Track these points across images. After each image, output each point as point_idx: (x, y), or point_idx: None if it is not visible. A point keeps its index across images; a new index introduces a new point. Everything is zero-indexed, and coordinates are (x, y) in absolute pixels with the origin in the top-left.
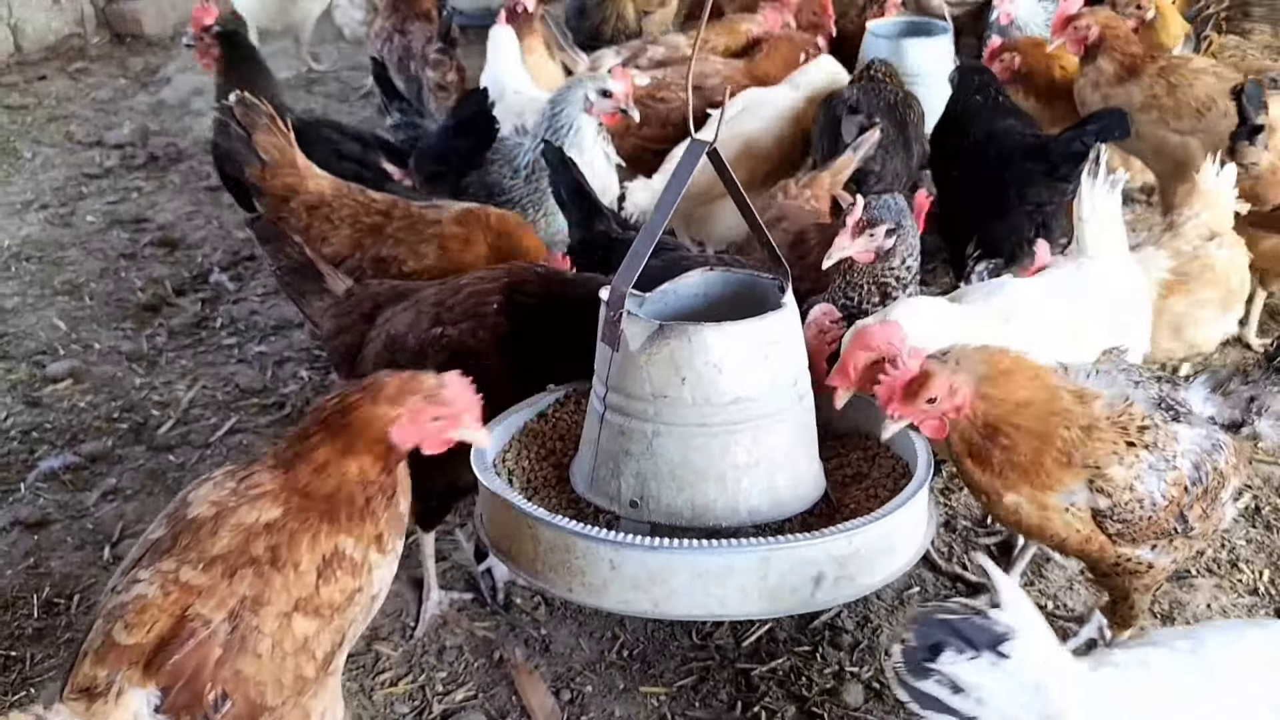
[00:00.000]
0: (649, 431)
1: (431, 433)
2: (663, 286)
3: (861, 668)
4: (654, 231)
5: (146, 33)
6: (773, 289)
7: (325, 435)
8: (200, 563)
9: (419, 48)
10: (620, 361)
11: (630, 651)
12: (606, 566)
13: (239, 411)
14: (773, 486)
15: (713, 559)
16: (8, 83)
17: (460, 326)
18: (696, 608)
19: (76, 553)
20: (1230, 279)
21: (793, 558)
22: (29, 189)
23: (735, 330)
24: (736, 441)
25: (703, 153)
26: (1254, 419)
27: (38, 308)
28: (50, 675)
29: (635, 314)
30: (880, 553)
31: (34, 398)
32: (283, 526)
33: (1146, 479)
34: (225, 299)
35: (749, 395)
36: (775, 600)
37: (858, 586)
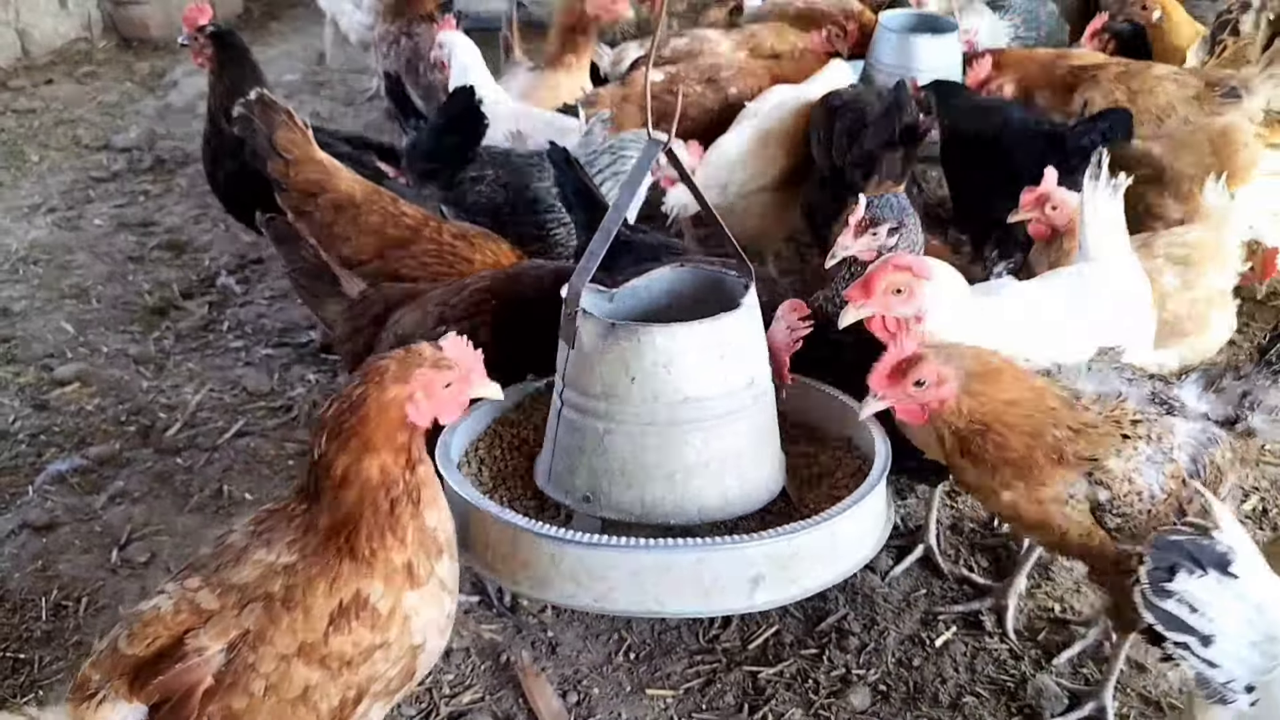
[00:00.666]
0: (600, 429)
1: (447, 399)
2: (632, 283)
3: (868, 670)
4: (609, 230)
5: (153, 37)
6: (739, 287)
7: (338, 445)
8: (219, 588)
9: (427, 49)
10: (575, 359)
11: (637, 654)
12: (548, 561)
13: (246, 414)
14: (723, 486)
15: (649, 557)
16: (15, 87)
17: (462, 324)
18: (635, 605)
19: (84, 555)
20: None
21: (730, 558)
22: (36, 193)
23: (685, 331)
24: (686, 441)
25: (659, 151)
26: (1248, 414)
27: (45, 311)
28: (59, 678)
29: (590, 312)
30: (823, 555)
31: (42, 401)
32: (299, 570)
33: (1145, 471)
34: (232, 302)
35: (699, 395)
36: (711, 599)
37: (799, 588)
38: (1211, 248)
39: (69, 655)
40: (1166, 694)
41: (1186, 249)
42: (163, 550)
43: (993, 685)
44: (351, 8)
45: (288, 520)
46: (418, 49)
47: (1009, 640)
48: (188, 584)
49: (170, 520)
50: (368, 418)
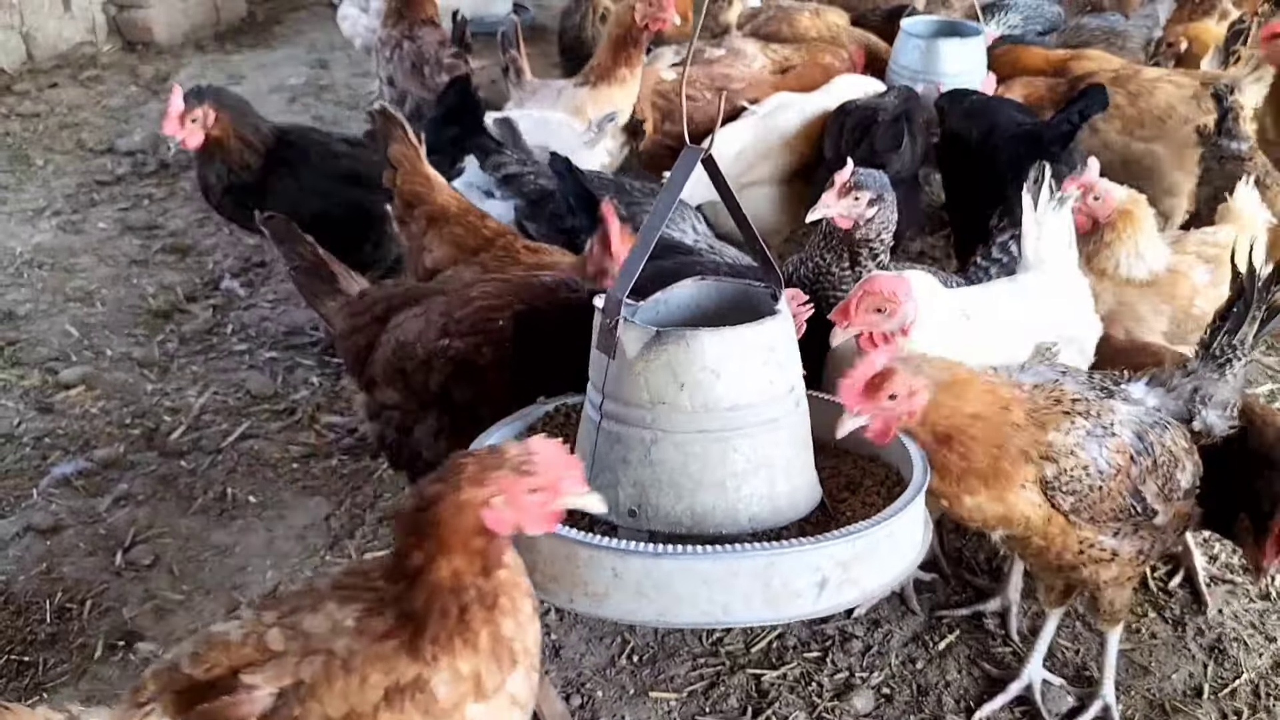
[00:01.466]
0: (647, 439)
1: (532, 508)
2: (655, 296)
3: (872, 673)
4: (648, 240)
5: (157, 40)
6: (765, 298)
7: (414, 540)
8: (290, 630)
9: (431, 52)
10: (617, 369)
11: (640, 656)
12: (609, 575)
13: (250, 417)
14: (772, 493)
15: (717, 565)
16: (20, 91)
17: (467, 340)
18: (701, 615)
19: (89, 558)
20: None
21: (797, 563)
22: (41, 196)
23: (733, 335)
24: (735, 448)
25: (697, 160)
26: (1200, 409)
27: (50, 314)
28: (63, 680)
29: (632, 321)
30: (883, 556)
31: (46, 404)
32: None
33: (1087, 445)
34: (236, 305)
35: (747, 401)
36: (779, 606)
37: (861, 591)
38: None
39: (73, 658)
40: (1171, 697)
41: (1217, 249)
42: (166, 553)
43: (996, 687)
44: (358, 13)
45: (368, 586)
46: (421, 52)
47: (1012, 642)
48: (264, 616)
49: (174, 523)
50: (441, 520)
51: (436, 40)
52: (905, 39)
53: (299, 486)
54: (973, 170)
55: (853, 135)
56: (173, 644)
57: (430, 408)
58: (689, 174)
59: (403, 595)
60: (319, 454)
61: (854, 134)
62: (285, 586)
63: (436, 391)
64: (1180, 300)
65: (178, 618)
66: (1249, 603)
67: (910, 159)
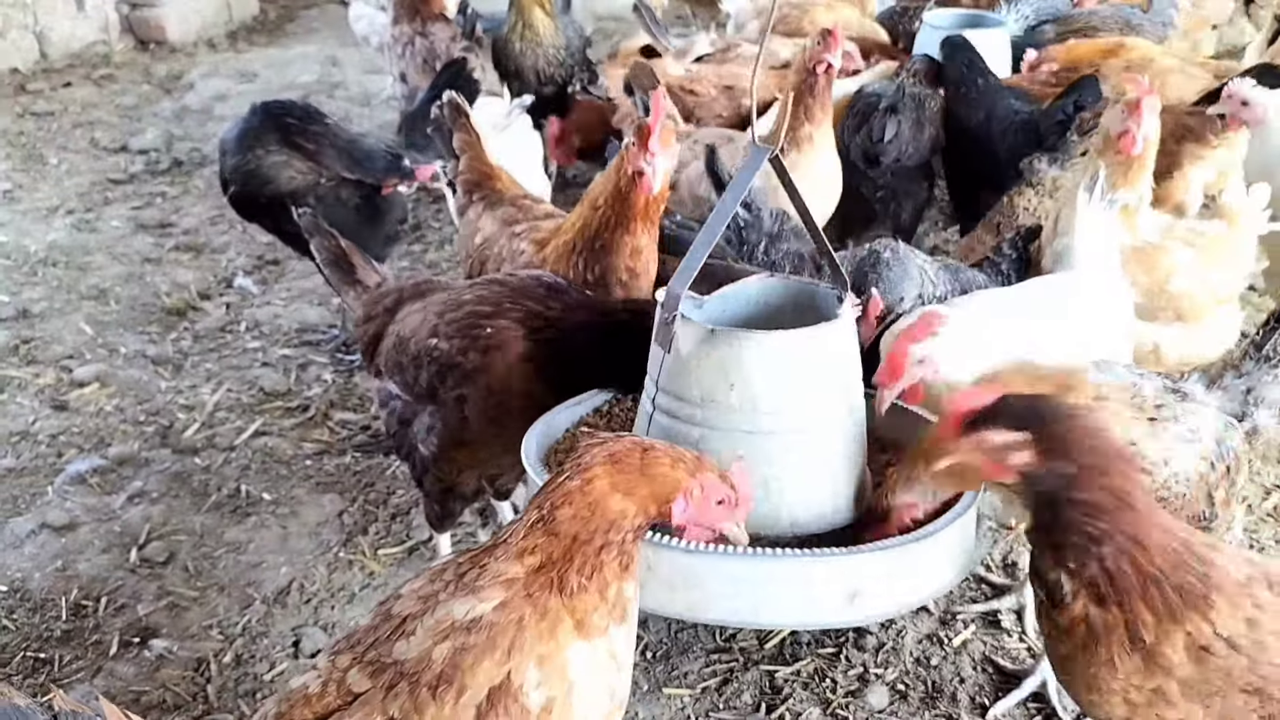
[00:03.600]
0: (695, 435)
1: (713, 514)
2: (721, 291)
3: (886, 669)
4: (713, 234)
5: (170, 39)
6: (832, 299)
7: (611, 469)
8: (373, 665)
9: (443, 48)
10: (671, 364)
11: (654, 653)
12: (643, 567)
13: (263, 414)
14: (816, 499)
15: (750, 566)
16: (34, 90)
17: (452, 342)
18: (730, 614)
19: (104, 555)
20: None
21: (831, 571)
22: (55, 195)
23: (786, 338)
24: (781, 450)
25: (764, 159)
26: (1253, 411)
27: (64, 313)
28: (79, 677)
29: (688, 317)
30: (920, 572)
31: (61, 402)
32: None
33: (1180, 452)
34: (249, 303)
35: (797, 405)
36: (810, 612)
37: (895, 604)
38: (1224, 245)
39: (88, 654)
40: None
41: (1203, 240)
42: (181, 549)
43: (1011, 684)
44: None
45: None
46: (433, 48)
47: (1028, 639)
48: (338, 662)
49: (188, 520)
50: (647, 470)
51: (448, 36)
52: (927, 32)
53: (313, 483)
54: (974, 159)
55: (854, 122)
56: (187, 640)
57: (423, 402)
58: (755, 172)
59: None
60: (332, 451)
61: (855, 120)
62: (299, 583)
63: (426, 388)
64: (1157, 274)
65: (192, 614)
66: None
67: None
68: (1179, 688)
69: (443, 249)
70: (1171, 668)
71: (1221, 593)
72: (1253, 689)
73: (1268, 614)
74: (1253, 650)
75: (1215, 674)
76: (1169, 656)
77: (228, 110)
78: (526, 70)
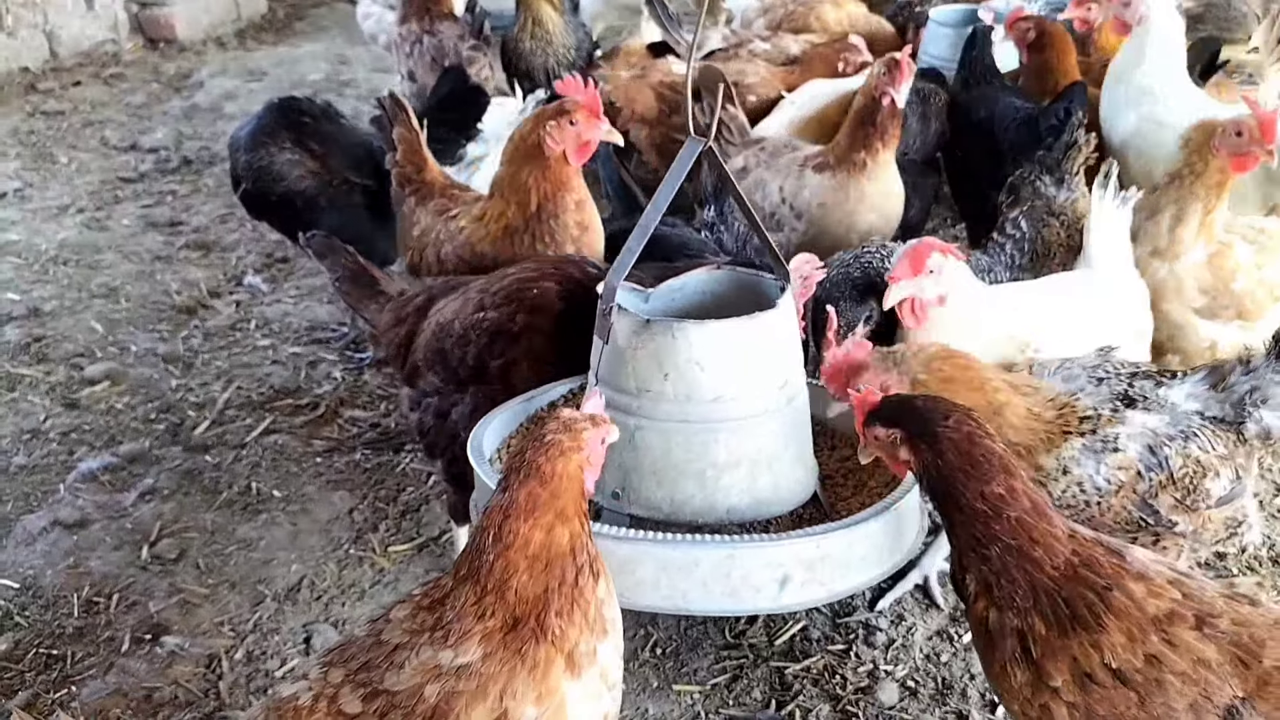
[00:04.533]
0: (632, 425)
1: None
2: (668, 282)
3: (896, 666)
4: (647, 227)
5: (179, 38)
6: (776, 289)
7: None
8: (365, 689)
9: (451, 46)
10: (609, 354)
11: (664, 649)
12: None
13: (274, 412)
14: (753, 486)
15: (678, 553)
16: (44, 89)
17: (501, 310)
18: (662, 600)
19: (115, 552)
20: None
21: (758, 557)
22: (65, 194)
23: (719, 328)
24: (717, 440)
25: (699, 151)
26: (1254, 412)
27: (75, 311)
28: (91, 674)
29: (625, 308)
30: (853, 559)
31: (72, 400)
32: (474, 674)
33: (1082, 461)
34: (259, 301)
35: (732, 394)
36: (739, 598)
37: (827, 591)
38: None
39: (100, 651)
40: None
41: (1263, 236)
42: (192, 547)
43: None
44: (380, 9)
45: (459, 614)
46: (441, 46)
47: None
48: (330, 676)
49: (199, 517)
50: (559, 490)
51: (456, 34)
52: (934, 29)
53: (322, 481)
54: (977, 154)
55: None
56: (198, 637)
57: (466, 386)
58: (690, 164)
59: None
60: (342, 448)
61: None
62: (310, 580)
63: (473, 365)
64: (1223, 274)
65: (203, 611)
66: (1278, 595)
67: (919, 143)
68: (1066, 711)
69: None
70: (1058, 689)
71: (1121, 619)
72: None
73: (1180, 654)
74: (1146, 688)
75: (1100, 704)
76: (1054, 676)
77: (237, 109)
78: (536, 70)
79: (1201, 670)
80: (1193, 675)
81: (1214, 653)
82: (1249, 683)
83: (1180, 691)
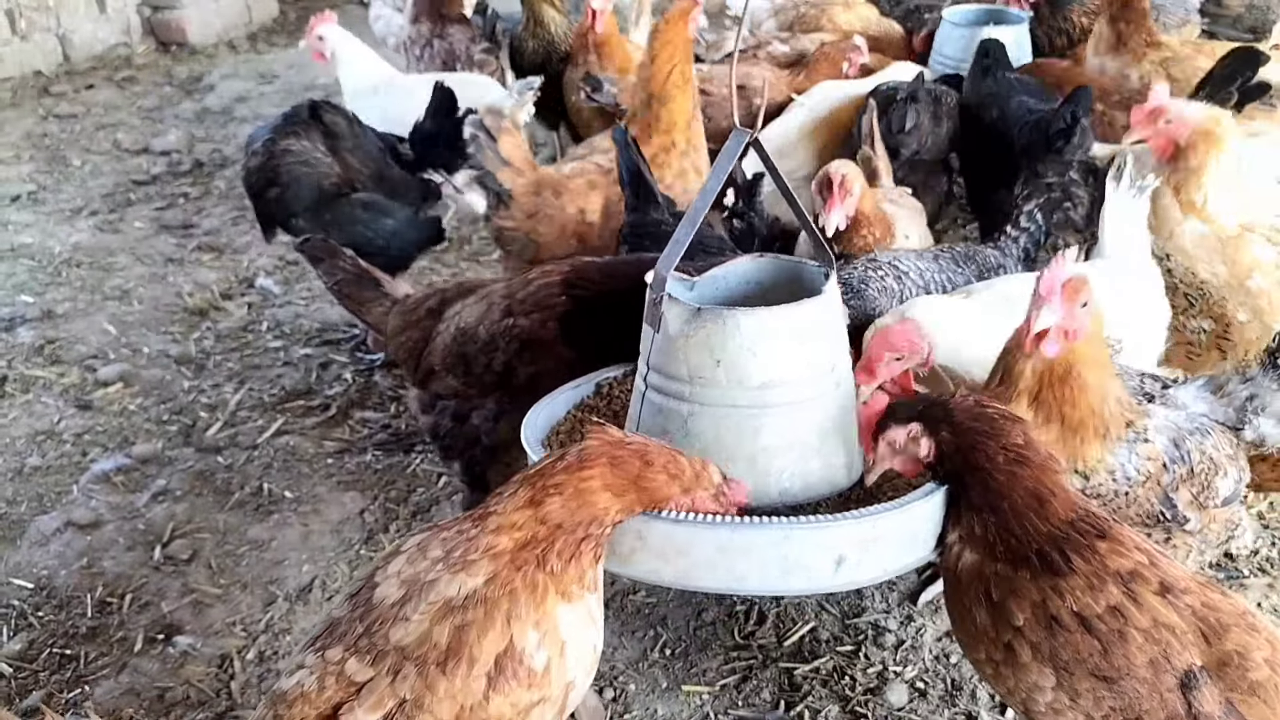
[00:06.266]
0: (685, 411)
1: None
2: (712, 271)
3: (905, 667)
4: (695, 218)
5: (191, 41)
6: (819, 277)
7: (608, 470)
8: (371, 653)
9: (463, 49)
10: (660, 343)
11: (673, 650)
12: (634, 537)
13: (285, 413)
14: (805, 470)
15: (734, 535)
16: (57, 92)
17: (531, 317)
18: (718, 581)
19: (128, 553)
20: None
21: (813, 539)
22: (78, 196)
23: (769, 315)
24: (767, 424)
25: (745, 142)
26: (1254, 419)
27: (88, 313)
28: (104, 673)
29: (675, 297)
30: (903, 539)
31: (85, 401)
32: (484, 598)
33: (1117, 449)
34: (271, 303)
35: (782, 379)
36: (793, 579)
37: (880, 569)
38: None
39: (113, 651)
40: None
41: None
42: (204, 547)
43: None
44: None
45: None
46: (452, 50)
47: None
48: (329, 655)
49: (211, 518)
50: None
51: (467, 37)
52: (946, 29)
53: (334, 482)
54: (989, 154)
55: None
56: (211, 637)
57: (490, 391)
58: (736, 155)
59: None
60: (353, 449)
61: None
62: (321, 580)
63: (500, 371)
64: (1239, 270)
65: (216, 611)
66: None
67: (931, 142)
68: (1030, 651)
69: (462, 249)
70: (1019, 627)
71: (1082, 566)
72: (1102, 676)
73: (1143, 611)
74: (1110, 638)
75: (1064, 648)
76: (1016, 616)
77: (248, 111)
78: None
79: (1164, 632)
80: (1154, 634)
81: (1176, 619)
82: (1209, 659)
83: (1141, 647)
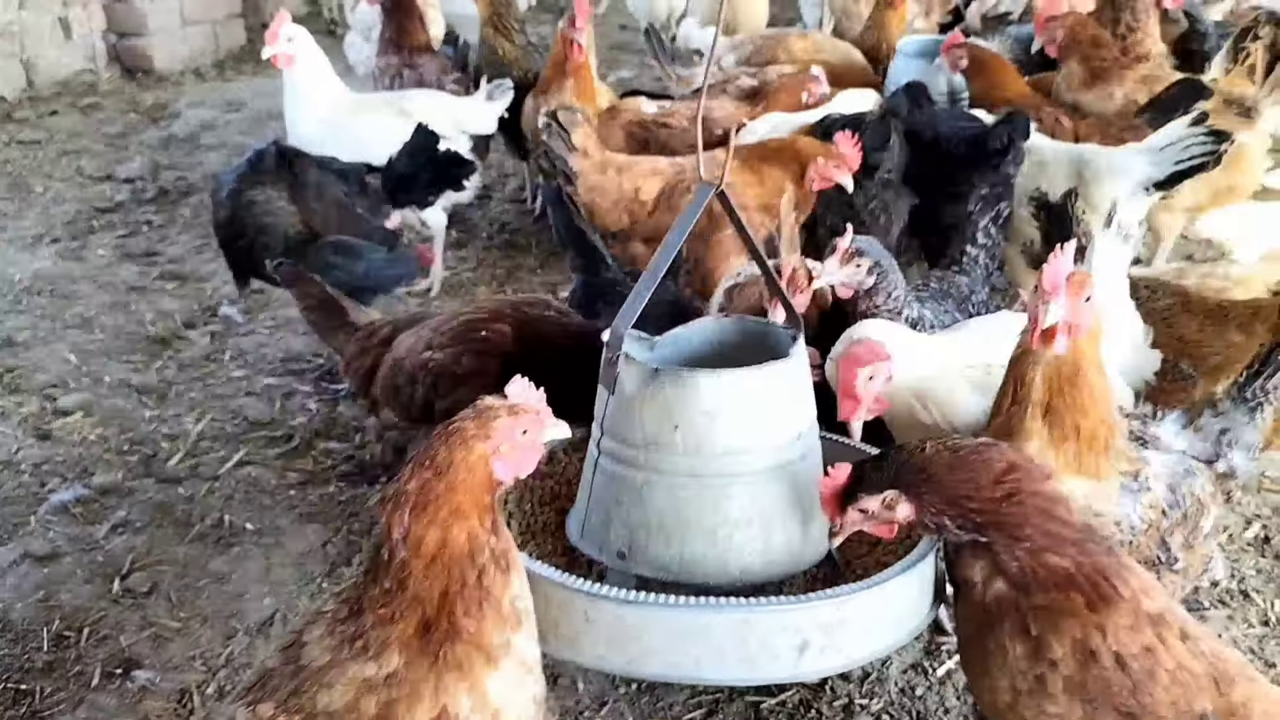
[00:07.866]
0: (639, 480)
1: (526, 447)
2: (674, 331)
3: (871, 700)
4: (656, 273)
5: (157, 68)
6: (786, 339)
7: (426, 518)
8: (300, 714)
9: (433, 79)
10: (615, 405)
11: (638, 685)
12: (581, 618)
13: (248, 444)
14: (767, 545)
15: (690, 617)
16: (20, 118)
17: (447, 351)
18: (672, 668)
19: (86, 586)
20: None
21: (776, 622)
22: (40, 223)
23: (731, 378)
24: (729, 495)
25: (709, 195)
26: (1226, 452)
27: (49, 341)
28: (60, 709)
29: (632, 357)
30: (874, 623)
31: (44, 431)
32: (404, 678)
33: (1122, 500)
34: (234, 332)
35: (745, 447)
36: (755, 666)
37: (846, 658)
38: None
39: (70, 686)
40: None
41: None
42: (164, 580)
43: None
44: (361, 41)
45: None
46: (422, 80)
47: None
48: (260, 711)
49: (172, 550)
50: (455, 482)
51: (437, 68)
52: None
53: (296, 513)
54: (929, 167)
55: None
56: (170, 672)
57: (419, 424)
58: (700, 209)
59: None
60: (316, 480)
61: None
62: (283, 614)
63: (421, 405)
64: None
65: (175, 645)
66: (1248, 628)
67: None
68: (1062, 683)
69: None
70: (1056, 660)
71: (1120, 608)
72: (1126, 712)
73: (1169, 653)
74: (1141, 676)
75: (1095, 683)
76: (1055, 650)
77: (214, 139)
78: None
79: (1185, 675)
80: (1178, 676)
81: (1195, 664)
82: (1220, 706)
83: (1166, 688)
